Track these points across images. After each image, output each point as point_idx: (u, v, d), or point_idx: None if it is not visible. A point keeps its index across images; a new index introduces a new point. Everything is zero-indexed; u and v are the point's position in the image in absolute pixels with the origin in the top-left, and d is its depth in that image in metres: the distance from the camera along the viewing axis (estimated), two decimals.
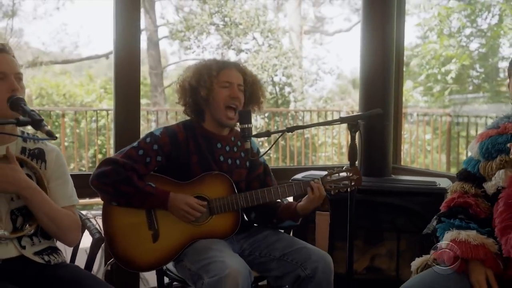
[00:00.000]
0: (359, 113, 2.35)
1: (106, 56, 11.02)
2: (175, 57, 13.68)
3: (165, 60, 12.65)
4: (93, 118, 7.29)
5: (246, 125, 1.97)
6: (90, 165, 7.74)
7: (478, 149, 1.86)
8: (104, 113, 8.01)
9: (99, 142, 7.87)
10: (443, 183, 2.60)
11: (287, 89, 10.71)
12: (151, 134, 2.10)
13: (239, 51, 10.58)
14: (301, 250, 2.03)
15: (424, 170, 3.89)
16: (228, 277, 1.76)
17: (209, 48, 10.55)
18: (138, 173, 2.02)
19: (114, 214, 2.05)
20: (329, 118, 8.47)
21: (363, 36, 3.09)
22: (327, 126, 8.51)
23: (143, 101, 9.72)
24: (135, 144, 2.08)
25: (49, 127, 1.53)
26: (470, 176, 1.89)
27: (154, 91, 11.27)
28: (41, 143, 1.82)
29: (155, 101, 11.14)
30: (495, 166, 1.79)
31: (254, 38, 10.64)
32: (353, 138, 1.96)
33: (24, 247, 1.70)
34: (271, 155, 8.39)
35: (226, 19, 10.21)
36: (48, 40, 11.19)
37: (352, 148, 1.97)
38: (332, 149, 8.80)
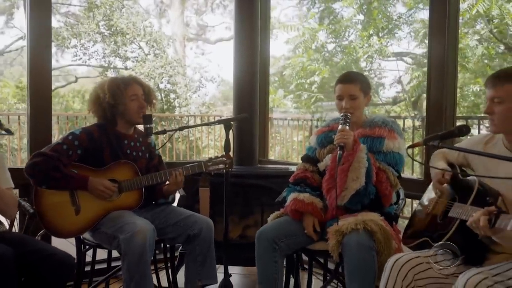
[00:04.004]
0: (232, 117, 3.15)
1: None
2: (53, 61, 13.55)
3: None
4: None
5: (149, 125, 2.70)
6: None
7: (316, 140, 2.71)
8: None
9: None
10: (294, 168, 3.45)
11: (172, 95, 11.27)
12: (72, 133, 2.68)
13: (126, 59, 10.94)
14: (190, 217, 2.74)
15: (283, 161, 4.80)
16: (138, 232, 2.41)
17: (95, 55, 10.81)
18: (63, 163, 2.59)
19: (44, 194, 2.60)
20: None
21: (234, 50, 3.77)
22: (210, 130, 9.36)
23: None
24: (60, 140, 2.65)
25: (6, 126, 2.11)
26: (310, 158, 2.73)
27: None
28: None
29: None
30: (326, 152, 2.65)
31: (140, 47, 11.08)
32: (227, 135, 2.70)
33: None
34: None
35: (113, 28, 10.53)
36: None
37: (226, 142, 2.74)
38: (214, 151, 9.49)
